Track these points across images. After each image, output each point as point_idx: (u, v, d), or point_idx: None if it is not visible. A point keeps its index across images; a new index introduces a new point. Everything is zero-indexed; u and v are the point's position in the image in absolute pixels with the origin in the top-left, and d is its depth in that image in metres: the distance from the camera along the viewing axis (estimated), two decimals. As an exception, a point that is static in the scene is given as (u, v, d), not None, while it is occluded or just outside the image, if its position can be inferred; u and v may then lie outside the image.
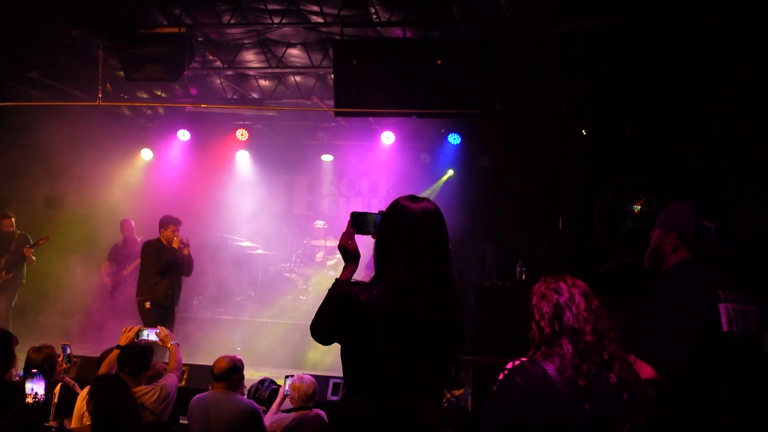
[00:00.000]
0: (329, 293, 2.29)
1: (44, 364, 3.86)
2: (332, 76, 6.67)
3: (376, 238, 2.36)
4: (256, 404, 4.31)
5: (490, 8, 5.86)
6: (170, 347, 4.40)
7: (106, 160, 9.57)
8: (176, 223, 6.92)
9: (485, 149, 9.29)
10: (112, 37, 6.37)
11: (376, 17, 6.26)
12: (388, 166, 10.55)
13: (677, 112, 5.79)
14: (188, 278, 7.21)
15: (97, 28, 6.27)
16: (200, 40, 7.11)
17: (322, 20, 6.39)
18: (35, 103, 8.14)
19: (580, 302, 2.07)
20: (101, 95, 7.07)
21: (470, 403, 5.24)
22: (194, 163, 10.38)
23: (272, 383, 5.05)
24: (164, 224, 6.91)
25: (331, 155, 10.74)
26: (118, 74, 7.26)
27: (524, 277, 5.91)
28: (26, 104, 8.06)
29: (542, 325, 2.08)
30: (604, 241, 5.98)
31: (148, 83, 8.31)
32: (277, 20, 6.43)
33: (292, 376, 4.52)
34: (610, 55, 5.81)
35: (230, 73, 8.15)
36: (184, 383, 5.32)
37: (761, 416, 2.35)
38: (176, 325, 7.00)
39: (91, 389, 3.49)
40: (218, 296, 9.71)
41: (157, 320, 6.48)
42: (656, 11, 5.29)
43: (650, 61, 5.68)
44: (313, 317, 2.33)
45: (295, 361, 7.70)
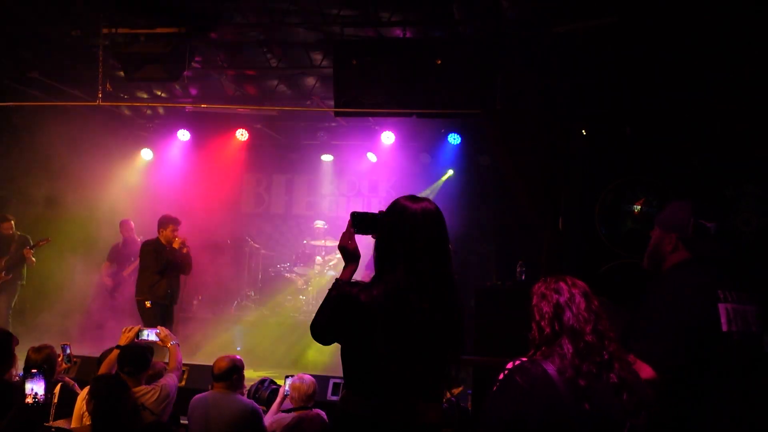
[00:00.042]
0: (329, 293, 2.29)
1: (44, 364, 3.86)
2: (332, 76, 6.66)
3: (376, 238, 2.36)
4: (256, 404, 4.31)
5: (490, 8, 5.86)
6: (170, 347, 4.40)
7: (106, 160, 9.56)
8: (176, 222, 6.91)
9: (485, 149, 9.30)
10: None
11: (375, 17, 6.26)
12: (388, 166, 10.56)
13: (677, 112, 5.78)
14: (189, 278, 7.22)
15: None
16: (200, 39, 7.10)
17: (322, 20, 6.39)
18: (35, 103, 8.13)
19: (580, 302, 2.07)
20: (101, 95, 7.06)
21: (470, 403, 5.24)
22: (194, 163, 10.39)
23: (272, 383, 5.05)
24: (163, 224, 6.90)
25: (331, 155, 10.74)
26: (118, 74, 7.26)
27: (524, 277, 5.91)
28: (26, 104, 8.05)
29: (542, 325, 2.09)
30: (604, 241, 5.98)
31: (148, 83, 8.30)
32: (277, 20, 6.43)
33: (292, 376, 4.52)
34: (610, 55, 5.81)
35: (231, 73, 8.15)
36: (184, 383, 5.32)
37: (761, 416, 2.35)
38: (177, 325, 7.00)
39: (90, 389, 3.49)
40: (218, 296, 9.71)
41: (157, 320, 6.48)
42: (656, 11, 5.29)
43: (650, 61, 5.68)
44: (313, 317, 2.33)
45: (295, 361, 7.71)
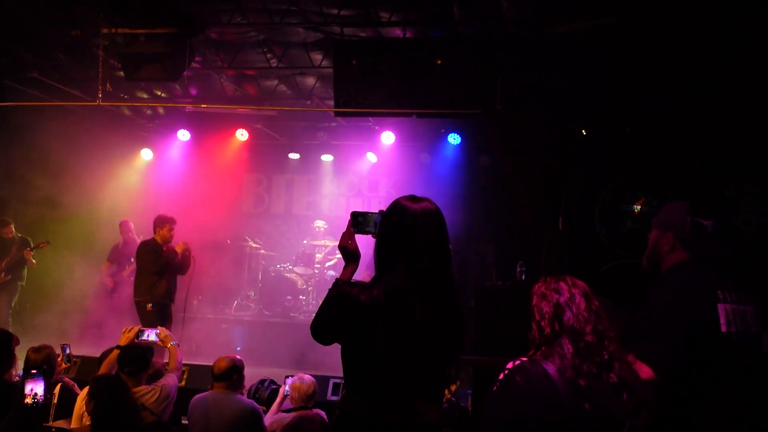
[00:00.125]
0: (329, 293, 2.28)
1: (43, 364, 3.86)
2: (332, 76, 6.66)
3: (376, 237, 2.36)
4: (256, 404, 4.31)
5: (490, 8, 5.86)
6: (170, 347, 4.40)
7: (106, 160, 9.57)
8: (172, 222, 6.89)
9: (485, 149, 9.31)
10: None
11: (375, 17, 6.26)
12: (388, 166, 10.56)
13: (677, 112, 5.79)
14: (189, 278, 7.20)
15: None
16: (200, 39, 7.10)
17: (322, 20, 6.39)
18: (35, 103, 8.14)
19: (580, 302, 2.07)
20: (101, 95, 7.06)
21: (470, 403, 5.24)
22: (194, 163, 10.39)
23: (272, 383, 5.05)
24: (160, 224, 6.87)
25: (331, 155, 10.74)
26: (118, 74, 7.26)
27: (524, 277, 5.91)
28: (26, 104, 8.06)
29: (542, 324, 2.08)
30: (604, 241, 5.99)
31: (148, 83, 8.31)
32: (277, 20, 6.43)
33: (292, 376, 4.52)
34: (610, 55, 5.81)
35: (230, 73, 8.15)
36: (184, 383, 5.32)
37: (760, 416, 2.35)
38: (177, 325, 6.99)
39: (90, 390, 3.49)
40: (218, 296, 9.72)
41: (157, 321, 6.47)
42: (656, 11, 5.29)
43: (650, 61, 5.68)
44: (313, 317, 2.33)
45: (295, 361, 7.70)
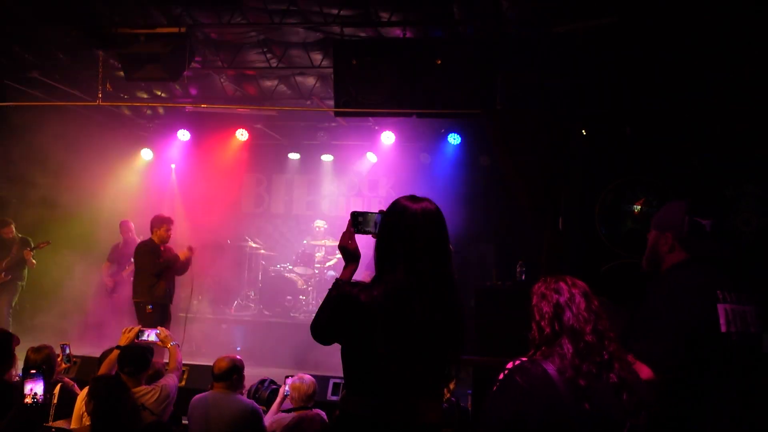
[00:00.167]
0: (329, 293, 2.28)
1: (43, 364, 3.86)
2: (332, 76, 6.66)
3: (376, 237, 2.36)
4: (256, 404, 4.31)
5: (490, 8, 5.86)
6: (170, 348, 4.40)
7: (106, 160, 9.57)
8: (169, 222, 6.88)
9: (485, 149, 9.30)
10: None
11: (375, 17, 6.25)
12: (388, 166, 10.56)
13: (677, 112, 5.79)
14: (189, 279, 7.21)
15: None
16: (200, 40, 7.11)
17: (322, 20, 6.39)
18: (35, 103, 8.14)
19: (580, 302, 2.07)
20: (101, 95, 7.07)
21: (470, 403, 5.24)
22: (194, 163, 10.39)
23: (272, 383, 5.05)
24: (158, 224, 6.83)
25: (331, 155, 10.74)
26: (118, 74, 7.26)
27: (524, 277, 5.91)
28: (26, 104, 8.06)
29: (542, 325, 2.08)
30: (604, 241, 5.98)
31: (148, 83, 8.31)
32: (277, 20, 6.43)
33: (292, 376, 4.52)
34: (610, 55, 5.81)
35: (230, 73, 8.15)
36: (184, 383, 5.32)
37: (760, 417, 2.35)
38: (177, 325, 6.99)
39: (90, 390, 3.49)
40: (218, 296, 9.71)
41: (157, 322, 6.46)
42: (656, 11, 5.29)
43: (650, 61, 5.68)
44: (313, 317, 2.33)
45: (295, 361, 7.70)
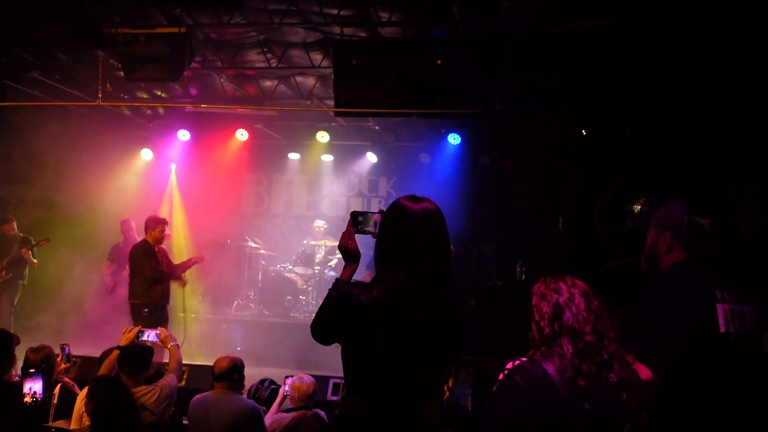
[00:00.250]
0: (329, 293, 2.28)
1: (42, 363, 3.85)
2: (332, 76, 6.66)
3: (376, 237, 2.36)
4: (256, 404, 4.31)
5: (490, 8, 5.86)
6: (170, 348, 4.40)
7: (106, 160, 9.57)
8: (164, 223, 6.89)
9: (485, 149, 9.31)
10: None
11: (375, 17, 6.25)
12: (388, 166, 10.57)
13: (677, 112, 5.78)
14: (189, 279, 7.22)
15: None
16: (200, 40, 7.11)
17: (322, 20, 6.39)
18: (35, 103, 8.14)
19: (579, 302, 2.07)
20: (101, 95, 7.07)
21: (470, 403, 5.24)
22: (194, 163, 10.39)
23: (272, 383, 5.06)
24: (153, 225, 6.83)
25: (331, 155, 10.75)
26: (118, 74, 7.26)
27: (524, 277, 5.91)
28: (26, 104, 8.06)
29: (542, 325, 2.08)
30: (604, 241, 5.98)
31: (148, 83, 8.31)
32: (277, 20, 6.43)
33: (291, 376, 4.53)
34: (610, 55, 5.81)
35: (230, 73, 8.15)
36: (184, 383, 5.32)
37: (759, 417, 2.35)
38: (175, 325, 6.99)
39: (89, 390, 3.48)
40: (218, 296, 9.72)
41: (154, 324, 6.44)
42: (656, 11, 5.29)
43: (650, 61, 5.68)
44: (313, 317, 2.33)
45: (295, 361, 7.70)
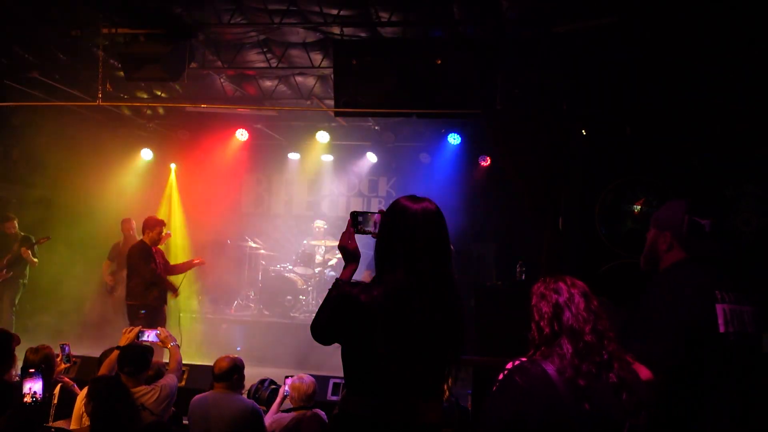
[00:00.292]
0: (329, 293, 2.28)
1: (41, 363, 3.85)
2: (332, 76, 6.66)
3: (376, 237, 2.36)
4: (256, 404, 4.31)
5: (490, 8, 5.86)
6: (170, 348, 4.40)
7: (106, 160, 9.58)
8: (162, 224, 6.88)
9: (485, 149, 9.31)
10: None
11: (375, 17, 6.25)
12: (388, 166, 10.57)
13: (677, 112, 5.78)
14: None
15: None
16: (200, 40, 7.10)
17: (322, 20, 6.39)
18: (35, 103, 8.13)
19: (579, 302, 2.07)
20: (101, 95, 7.06)
21: (470, 403, 5.24)
22: (194, 163, 10.39)
23: (272, 383, 5.05)
24: (151, 226, 6.79)
25: (331, 155, 10.75)
26: (118, 74, 7.26)
27: (524, 277, 5.92)
28: (26, 104, 8.06)
29: (542, 325, 2.08)
30: (604, 241, 5.98)
31: (148, 83, 8.30)
32: (277, 20, 6.43)
33: (291, 376, 4.53)
34: (610, 55, 5.81)
35: (230, 73, 8.15)
36: (184, 383, 5.32)
37: (759, 417, 2.35)
38: (177, 326, 6.98)
39: (89, 391, 3.48)
40: (218, 296, 9.72)
41: (151, 325, 6.43)
42: (656, 11, 5.29)
43: (650, 61, 5.68)
44: (313, 317, 2.33)
45: (295, 361, 7.70)
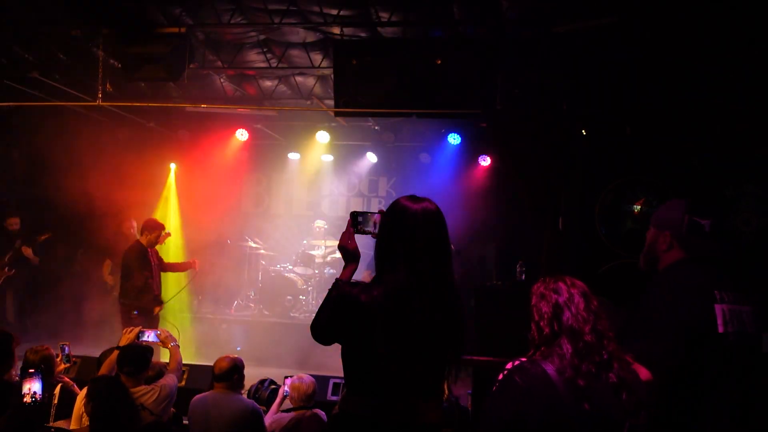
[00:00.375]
0: (329, 293, 2.29)
1: (41, 364, 3.86)
2: (332, 76, 6.66)
3: (376, 237, 2.36)
4: (256, 404, 4.31)
5: (490, 8, 5.86)
6: (170, 348, 4.40)
7: (105, 160, 9.56)
8: (162, 228, 6.88)
9: (485, 149, 9.31)
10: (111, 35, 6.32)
11: (375, 17, 6.25)
12: (388, 166, 10.57)
13: (677, 112, 5.79)
14: (194, 276, 7.22)
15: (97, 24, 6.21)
16: (200, 39, 7.11)
17: (322, 20, 6.39)
18: (35, 103, 8.13)
19: (579, 302, 2.07)
20: (101, 95, 7.06)
21: (470, 403, 5.24)
22: (194, 163, 10.39)
23: (272, 383, 5.06)
24: (150, 228, 6.78)
25: (331, 155, 10.75)
26: (118, 74, 7.25)
27: (524, 277, 5.91)
28: (26, 104, 8.05)
29: (541, 325, 2.08)
30: (604, 241, 5.98)
31: (148, 83, 8.30)
32: (277, 20, 6.43)
33: (291, 376, 4.53)
34: (610, 55, 5.81)
35: (230, 73, 8.15)
36: (184, 383, 5.32)
37: (758, 417, 2.35)
38: (171, 328, 6.98)
39: (89, 390, 3.49)
40: (218, 296, 9.72)
41: (143, 326, 6.42)
42: (656, 11, 5.29)
43: (650, 61, 5.68)
44: (313, 317, 2.33)
45: (295, 361, 7.70)
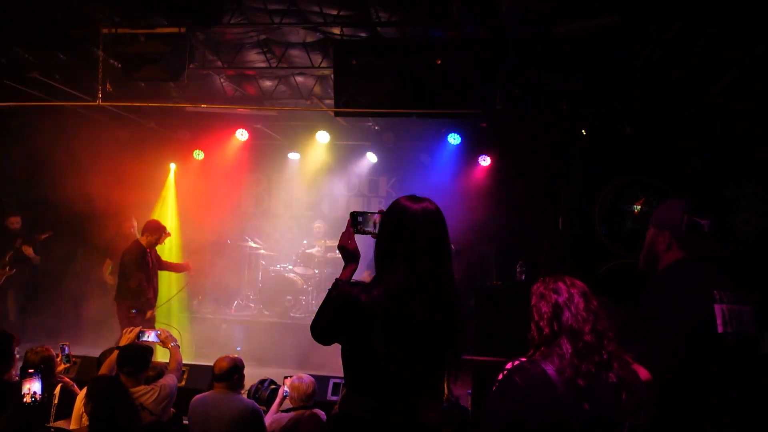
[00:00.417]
0: (329, 293, 2.29)
1: (41, 364, 3.86)
2: (332, 76, 6.66)
3: (376, 238, 2.36)
4: (256, 404, 4.31)
5: (490, 8, 5.86)
6: (170, 348, 4.40)
7: (105, 160, 9.56)
8: (164, 230, 6.87)
9: (485, 149, 9.31)
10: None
11: (375, 17, 6.25)
12: (388, 166, 10.57)
13: (677, 112, 5.79)
14: (189, 278, 7.22)
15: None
16: (200, 39, 7.10)
17: (322, 20, 6.39)
18: (35, 103, 8.12)
19: (579, 302, 2.07)
20: (101, 95, 7.06)
21: (470, 403, 5.24)
22: (194, 163, 10.39)
23: (272, 383, 5.06)
24: (152, 230, 6.77)
25: (331, 155, 10.74)
26: (118, 74, 7.25)
27: (524, 277, 5.92)
28: (26, 104, 8.05)
29: (541, 325, 2.08)
30: (604, 241, 5.98)
31: (148, 83, 8.29)
32: (277, 20, 6.43)
33: (290, 376, 4.53)
34: (610, 55, 5.81)
35: (230, 73, 8.15)
36: (184, 383, 5.32)
37: (758, 417, 2.35)
38: (177, 326, 6.99)
39: (88, 390, 3.49)
40: (218, 296, 9.72)
41: (139, 325, 6.43)
42: (656, 11, 5.29)
43: (650, 61, 5.68)
44: (313, 317, 2.33)
45: (295, 361, 7.70)
